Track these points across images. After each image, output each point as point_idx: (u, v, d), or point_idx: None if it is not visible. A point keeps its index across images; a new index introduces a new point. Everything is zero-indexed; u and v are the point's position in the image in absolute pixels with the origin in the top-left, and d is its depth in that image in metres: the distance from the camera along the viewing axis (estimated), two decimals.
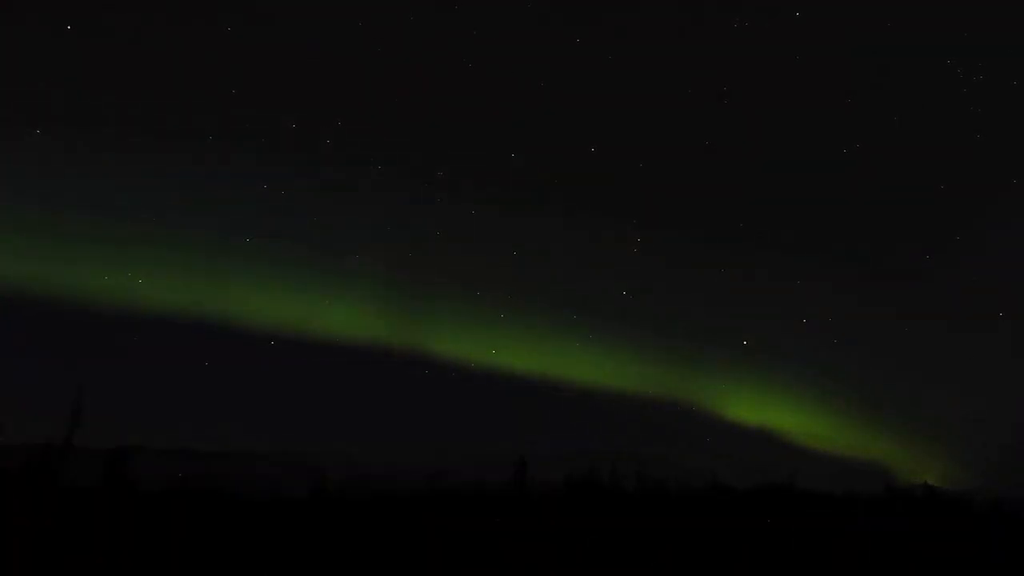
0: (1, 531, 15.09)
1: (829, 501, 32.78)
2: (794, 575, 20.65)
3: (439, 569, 18.99)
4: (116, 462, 24.75)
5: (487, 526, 23.49)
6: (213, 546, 18.56)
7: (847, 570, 21.32)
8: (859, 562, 22.03)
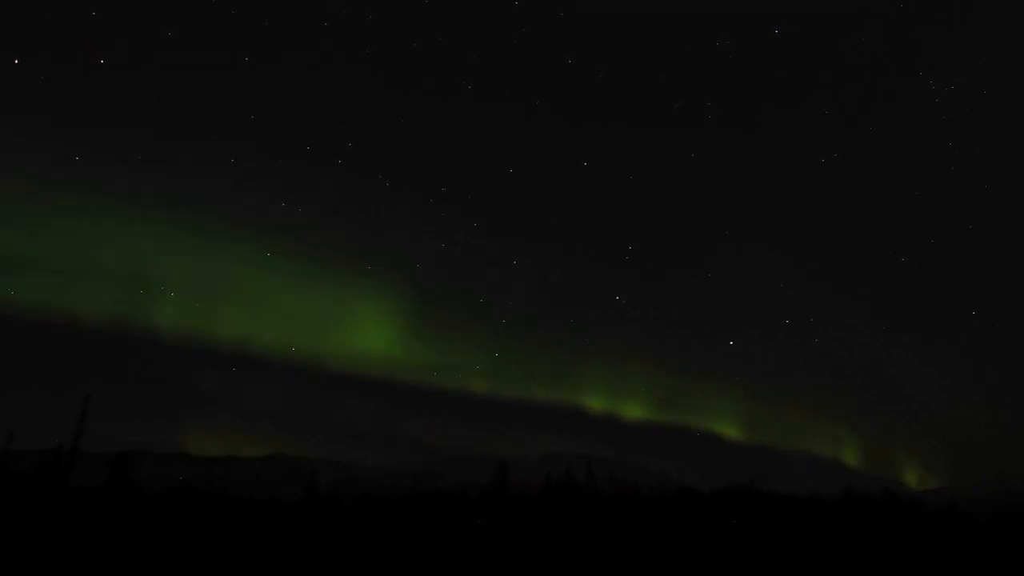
0: (14, 529, 15.53)
1: (792, 503, 33.68)
2: (762, 572, 21.36)
3: (426, 566, 19.55)
4: (120, 465, 25.22)
5: (470, 525, 24.07)
6: (212, 545, 19.02)
7: (811, 568, 22.06)
8: (821, 560, 22.78)
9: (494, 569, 19.03)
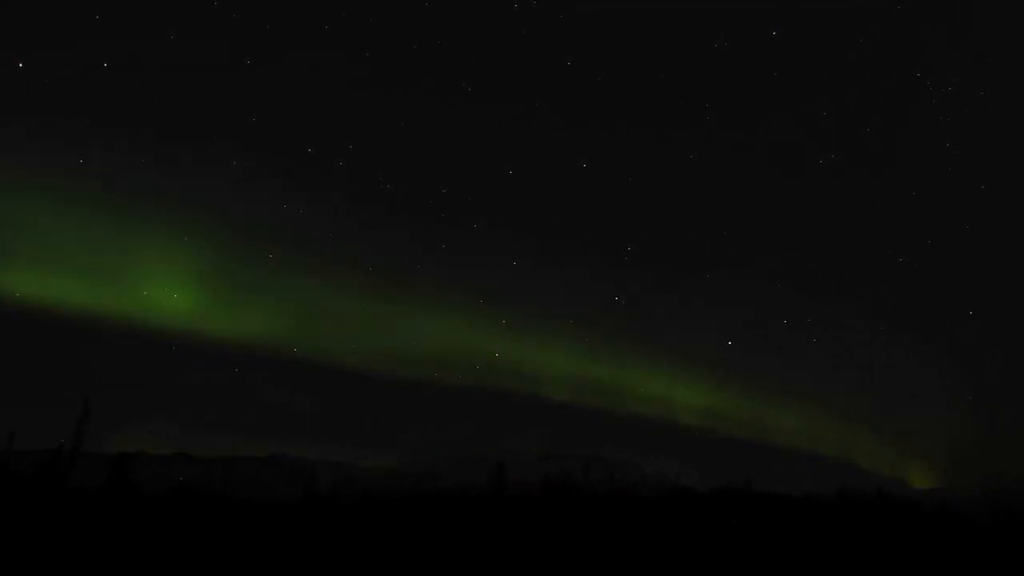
0: (14, 529, 15.57)
1: (791, 502, 33.70)
2: (762, 572, 21.37)
3: (425, 567, 19.58)
4: (120, 465, 25.22)
5: (469, 526, 24.12)
6: (212, 545, 19.04)
7: (810, 568, 22.09)
8: (820, 560, 22.81)
9: (493, 569, 19.06)
